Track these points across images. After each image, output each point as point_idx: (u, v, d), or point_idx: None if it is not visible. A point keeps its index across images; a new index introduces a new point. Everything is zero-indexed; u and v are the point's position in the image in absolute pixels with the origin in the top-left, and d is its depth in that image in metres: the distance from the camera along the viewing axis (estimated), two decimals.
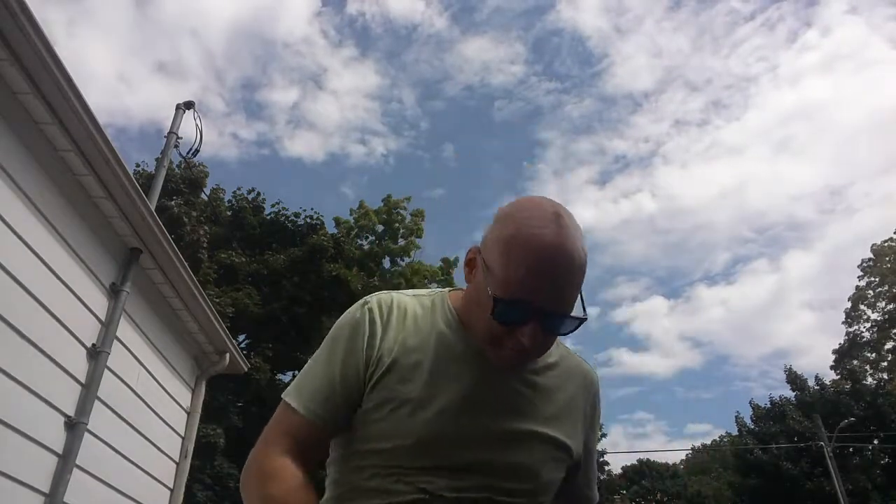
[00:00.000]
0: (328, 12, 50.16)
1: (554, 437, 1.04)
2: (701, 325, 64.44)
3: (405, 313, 1.06)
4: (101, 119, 3.39)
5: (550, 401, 1.07)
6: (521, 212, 0.97)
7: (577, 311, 0.95)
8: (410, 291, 1.13)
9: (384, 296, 1.09)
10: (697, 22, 57.67)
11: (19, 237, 3.11)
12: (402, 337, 1.03)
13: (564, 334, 0.99)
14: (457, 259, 26.61)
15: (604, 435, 37.46)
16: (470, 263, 1.04)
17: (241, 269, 17.86)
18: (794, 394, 25.85)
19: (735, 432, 28.62)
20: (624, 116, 56.32)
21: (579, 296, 0.95)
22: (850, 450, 23.54)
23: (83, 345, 3.68)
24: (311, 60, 46.07)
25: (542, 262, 0.91)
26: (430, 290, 1.16)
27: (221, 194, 19.85)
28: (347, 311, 1.09)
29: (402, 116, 48.26)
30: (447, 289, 1.16)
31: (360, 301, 1.09)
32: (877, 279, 29.23)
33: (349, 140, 45.21)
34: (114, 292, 3.97)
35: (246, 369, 6.40)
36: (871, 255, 29.62)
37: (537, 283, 0.91)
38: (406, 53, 51.29)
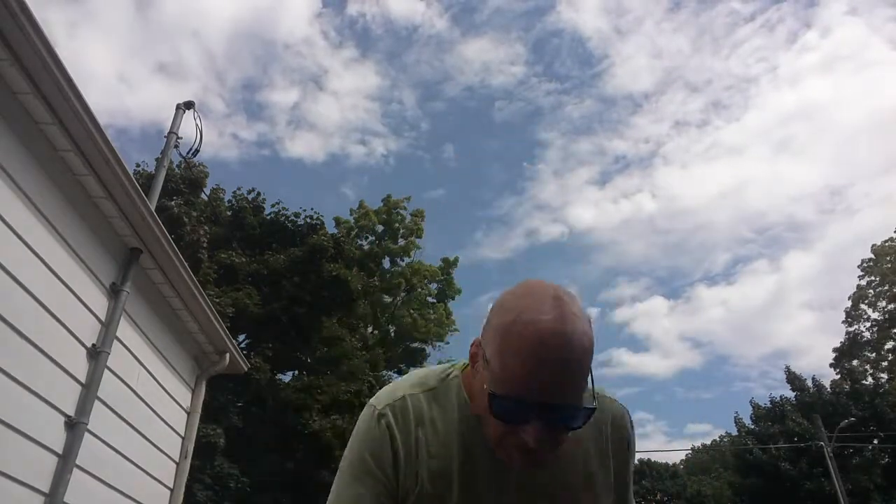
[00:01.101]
0: (329, 13, 50.24)
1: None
2: (701, 326, 64.46)
3: (422, 420, 1.02)
4: (102, 120, 3.40)
5: (573, 465, 1.04)
6: (519, 298, 0.92)
7: (587, 401, 0.89)
8: (418, 381, 1.07)
9: (398, 404, 1.03)
10: (697, 23, 57.68)
11: (19, 237, 3.11)
12: (424, 452, 1.00)
13: (574, 428, 0.90)
14: (457, 259, 26.67)
15: None
16: (473, 358, 1.00)
17: (241, 269, 17.85)
18: (794, 394, 25.86)
19: (735, 432, 28.63)
20: (624, 117, 56.27)
21: (588, 381, 0.90)
22: (850, 450, 23.53)
23: (83, 345, 3.68)
24: (311, 61, 46.13)
25: (541, 353, 0.84)
26: (441, 370, 1.09)
27: (221, 194, 19.84)
28: (362, 426, 1.04)
29: (402, 117, 48.28)
30: (460, 366, 1.08)
31: (372, 413, 1.04)
32: (877, 279, 29.23)
33: (349, 141, 45.27)
34: (114, 292, 3.97)
35: (246, 369, 6.40)
36: (872, 255, 29.62)
37: (536, 376, 0.84)
38: (406, 54, 51.30)
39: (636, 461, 1.21)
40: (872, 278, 29.44)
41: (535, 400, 0.85)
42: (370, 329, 23.77)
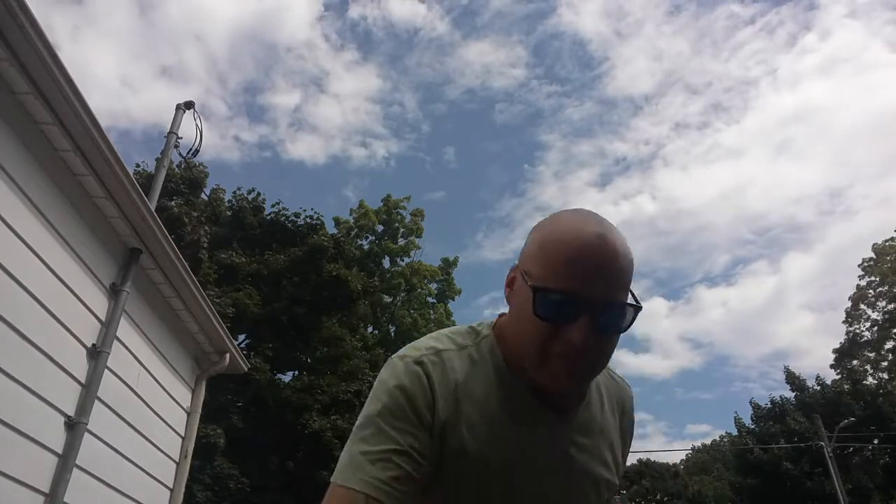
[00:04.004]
0: (330, 16, 50.32)
1: (609, 481, 1.02)
2: (701, 327, 64.51)
3: (459, 376, 0.94)
4: (105, 122, 3.41)
5: (606, 437, 1.03)
6: (557, 217, 0.93)
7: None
8: (448, 339, 0.99)
9: (432, 355, 0.94)
10: (697, 26, 57.73)
11: (19, 237, 3.11)
12: (450, 405, 0.91)
13: (621, 330, 0.87)
14: (457, 259, 26.66)
15: None
16: (510, 283, 0.96)
17: (241, 270, 17.85)
18: (794, 394, 25.86)
19: (735, 433, 28.63)
20: (624, 119, 56.34)
21: (630, 292, 0.87)
22: (850, 450, 23.53)
23: (83, 345, 3.67)
24: (312, 64, 46.16)
25: (585, 249, 0.83)
26: (469, 329, 1.02)
27: (221, 194, 19.84)
28: (390, 373, 0.93)
29: (403, 119, 48.33)
30: (489, 323, 1.03)
31: (404, 361, 0.94)
32: (877, 279, 29.20)
33: (351, 143, 45.32)
34: (114, 292, 3.97)
35: (246, 369, 6.40)
36: (872, 255, 29.60)
37: (583, 269, 0.83)
38: (408, 57, 51.35)
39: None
40: (872, 278, 29.41)
41: (581, 293, 0.83)
42: (370, 329, 23.76)
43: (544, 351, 0.86)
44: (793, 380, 26.33)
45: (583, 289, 0.83)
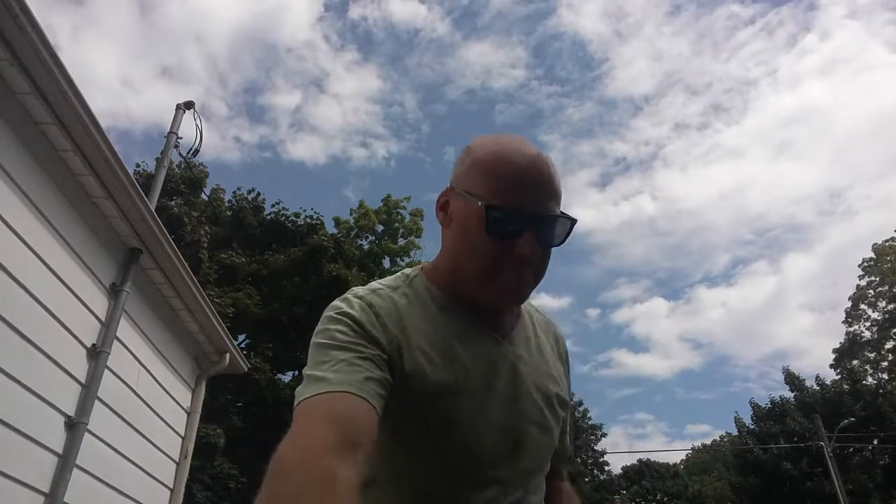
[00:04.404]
0: (330, 17, 50.31)
1: (559, 395, 1.02)
2: (701, 327, 64.51)
3: (399, 310, 0.94)
4: (106, 123, 3.41)
5: (545, 358, 1.05)
6: (494, 139, 0.97)
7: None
8: (380, 283, 1.00)
9: (369, 294, 0.95)
10: (697, 26, 57.73)
11: (19, 237, 3.11)
12: (397, 331, 0.91)
13: (559, 242, 0.94)
14: None
15: (604, 435, 37.50)
16: (444, 207, 0.99)
17: (242, 270, 17.85)
18: (794, 394, 25.87)
19: (735, 433, 28.64)
20: (624, 120, 56.34)
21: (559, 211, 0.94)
22: (850, 450, 23.53)
23: (83, 345, 3.67)
24: (313, 65, 46.16)
25: (529, 169, 0.90)
26: (397, 275, 1.04)
27: (221, 194, 19.85)
28: (333, 306, 0.95)
29: (403, 120, 48.35)
30: (416, 267, 1.05)
31: (339, 299, 0.96)
32: (877, 279, 29.20)
33: (351, 143, 45.31)
34: (114, 292, 3.97)
35: (246, 369, 6.40)
36: (872, 255, 29.60)
37: (524, 187, 0.89)
38: (408, 58, 51.38)
39: (635, 460, 1.21)
40: (872, 278, 29.41)
41: (528, 208, 0.89)
42: None
43: (494, 267, 0.90)
44: (792, 380, 26.35)
45: (529, 204, 0.89)
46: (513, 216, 0.89)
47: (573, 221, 0.93)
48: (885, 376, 27.24)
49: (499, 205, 0.89)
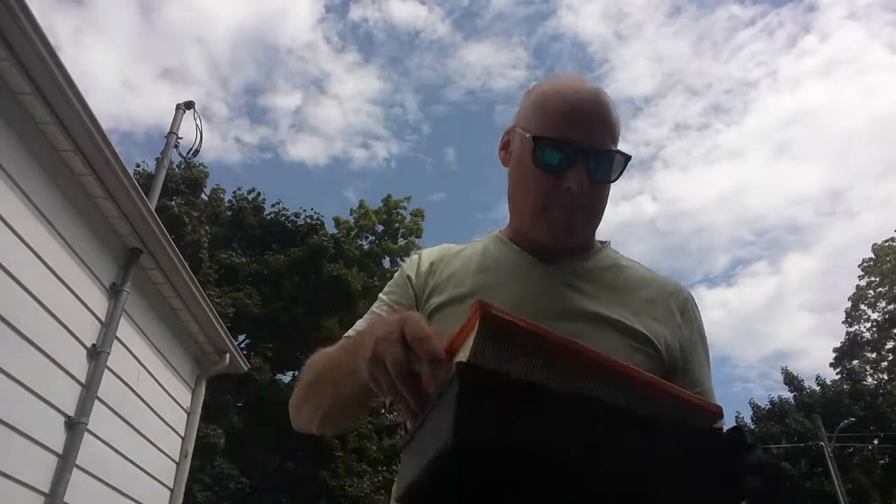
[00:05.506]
0: (331, 18, 50.27)
1: (632, 328, 0.90)
2: None
3: (448, 253, 1.03)
4: (107, 125, 3.41)
5: (618, 295, 0.94)
6: (553, 77, 0.98)
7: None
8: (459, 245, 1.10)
9: (432, 248, 1.08)
10: (697, 27, 57.56)
11: (19, 237, 3.11)
12: (440, 270, 1.00)
13: (613, 179, 0.92)
14: None
15: None
16: (505, 146, 1.00)
17: (242, 270, 17.85)
18: (793, 394, 25.87)
19: None
20: (624, 120, 55.43)
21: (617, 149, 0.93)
22: (850, 450, 23.53)
23: (83, 345, 3.68)
24: (313, 66, 46.05)
25: (581, 103, 0.90)
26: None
27: (222, 194, 19.84)
28: None
29: (404, 121, 48.25)
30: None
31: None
32: (877, 279, 29.20)
33: (352, 144, 45.24)
34: (114, 292, 3.97)
35: (246, 369, 6.40)
36: (872, 255, 29.60)
37: (575, 120, 0.88)
38: (408, 59, 51.28)
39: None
40: (872, 279, 29.41)
41: (577, 140, 0.88)
42: None
43: (544, 202, 0.90)
44: (791, 380, 26.35)
45: (579, 137, 0.88)
46: (561, 148, 0.88)
47: (628, 157, 0.91)
48: (885, 376, 27.23)
49: (548, 137, 0.89)
